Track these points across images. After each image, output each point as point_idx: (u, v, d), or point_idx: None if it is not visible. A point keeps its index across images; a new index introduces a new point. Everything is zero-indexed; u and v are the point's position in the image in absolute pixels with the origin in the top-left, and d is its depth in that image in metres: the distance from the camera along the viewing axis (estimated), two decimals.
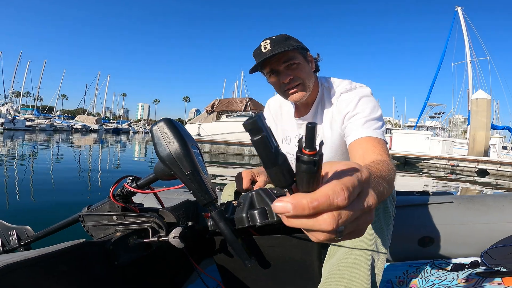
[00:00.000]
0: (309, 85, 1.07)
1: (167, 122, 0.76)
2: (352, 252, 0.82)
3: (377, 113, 1.00)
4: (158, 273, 1.03)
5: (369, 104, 1.01)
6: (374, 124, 0.97)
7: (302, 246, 0.86)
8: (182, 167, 0.73)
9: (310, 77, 1.07)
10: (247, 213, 0.79)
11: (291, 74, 1.03)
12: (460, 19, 19.97)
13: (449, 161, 12.17)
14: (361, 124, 0.97)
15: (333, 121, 1.08)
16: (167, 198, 1.39)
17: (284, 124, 1.26)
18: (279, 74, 1.05)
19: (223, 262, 0.96)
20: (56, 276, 0.67)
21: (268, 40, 1.01)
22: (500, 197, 1.44)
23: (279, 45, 0.99)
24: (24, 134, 23.31)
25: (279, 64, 1.03)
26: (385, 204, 0.89)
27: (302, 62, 1.05)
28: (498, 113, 29.32)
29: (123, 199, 0.89)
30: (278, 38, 1.01)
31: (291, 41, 1.03)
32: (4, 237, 1.06)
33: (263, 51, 1.00)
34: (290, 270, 0.90)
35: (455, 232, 1.35)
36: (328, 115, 1.10)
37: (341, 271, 0.81)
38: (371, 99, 1.03)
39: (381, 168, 0.65)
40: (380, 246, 0.85)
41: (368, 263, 0.81)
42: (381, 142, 0.92)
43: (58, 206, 3.60)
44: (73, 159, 9.23)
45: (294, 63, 1.02)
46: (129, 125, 61.33)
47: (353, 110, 1.01)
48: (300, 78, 1.04)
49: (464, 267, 1.25)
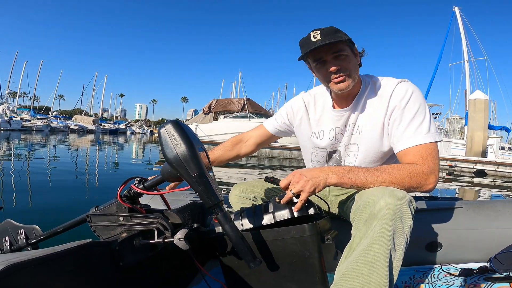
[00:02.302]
0: (355, 77, 1.10)
1: (175, 124, 0.77)
2: (371, 250, 0.83)
3: (420, 110, 1.05)
4: (162, 274, 1.03)
5: (416, 103, 1.05)
6: (419, 127, 1.03)
7: (301, 238, 0.87)
8: (189, 169, 0.75)
9: (356, 70, 1.11)
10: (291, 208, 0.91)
11: (338, 65, 1.06)
12: (458, 19, 20.04)
13: (447, 161, 12.21)
14: (405, 130, 1.04)
15: (375, 112, 1.11)
16: (173, 200, 1.38)
17: (318, 116, 1.26)
18: (326, 63, 1.08)
19: (228, 264, 0.97)
20: (63, 275, 0.68)
21: (318, 31, 1.04)
22: (510, 203, 1.43)
23: (329, 36, 1.03)
24: (20, 134, 23.18)
25: (328, 54, 1.06)
26: (405, 206, 0.89)
27: (350, 54, 1.08)
28: (495, 114, 29.48)
29: (130, 200, 0.90)
30: (327, 29, 1.05)
31: (340, 33, 1.06)
32: (12, 236, 1.06)
33: (313, 40, 1.03)
34: (290, 264, 0.91)
35: (463, 237, 1.33)
36: (370, 106, 1.13)
37: (359, 267, 0.82)
38: (418, 95, 1.07)
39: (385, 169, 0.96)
40: (398, 246, 0.85)
41: (386, 261, 0.81)
42: (419, 149, 1.00)
43: (66, 206, 3.63)
44: (74, 160, 9.18)
45: (342, 54, 1.06)
46: (126, 126, 61.32)
47: (401, 108, 1.05)
48: (347, 69, 1.07)
49: (472, 272, 1.23)
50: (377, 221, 0.85)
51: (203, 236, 1.00)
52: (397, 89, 1.08)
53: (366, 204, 0.90)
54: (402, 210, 0.87)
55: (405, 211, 0.88)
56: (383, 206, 0.86)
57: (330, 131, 1.21)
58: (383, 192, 0.90)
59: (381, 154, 1.15)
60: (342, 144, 1.20)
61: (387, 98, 1.09)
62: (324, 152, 1.25)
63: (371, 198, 0.90)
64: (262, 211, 0.96)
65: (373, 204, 0.88)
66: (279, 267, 0.92)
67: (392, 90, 1.08)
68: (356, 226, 0.91)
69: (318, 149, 1.26)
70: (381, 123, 1.10)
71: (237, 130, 15.25)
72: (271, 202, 0.97)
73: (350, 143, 1.18)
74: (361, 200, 0.94)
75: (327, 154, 1.25)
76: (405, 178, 0.95)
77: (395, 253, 0.84)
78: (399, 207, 0.87)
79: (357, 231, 0.89)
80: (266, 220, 0.93)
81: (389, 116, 1.08)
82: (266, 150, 13.14)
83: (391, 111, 1.07)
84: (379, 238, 0.83)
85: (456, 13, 20.19)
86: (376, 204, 0.88)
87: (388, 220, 0.85)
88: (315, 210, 0.95)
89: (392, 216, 0.85)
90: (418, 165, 0.97)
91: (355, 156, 1.17)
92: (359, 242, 0.87)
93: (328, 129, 1.22)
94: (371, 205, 0.89)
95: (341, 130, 1.19)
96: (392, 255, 0.83)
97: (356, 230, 0.90)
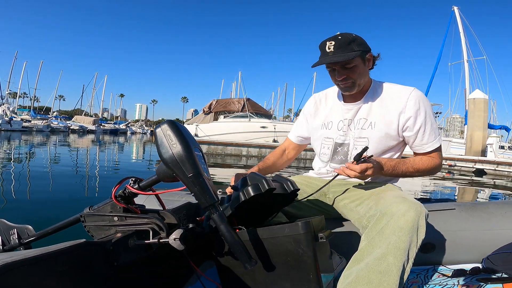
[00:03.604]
0: (359, 83, 1.20)
1: (171, 124, 0.77)
2: (384, 260, 0.84)
3: (433, 118, 1.22)
4: (157, 275, 1.03)
5: (431, 112, 1.22)
6: (432, 133, 1.22)
7: (294, 236, 0.88)
8: (185, 170, 0.75)
9: (362, 76, 1.21)
10: (243, 190, 0.89)
11: (344, 74, 1.17)
12: (457, 18, 20.02)
13: (447, 161, 12.21)
14: (429, 136, 1.21)
15: (390, 112, 1.20)
16: (168, 200, 1.38)
17: (328, 110, 1.35)
18: (335, 71, 1.20)
19: (223, 264, 0.97)
20: (56, 275, 0.67)
21: (333, 42, 1.14)
22: (503, 204, 1.44)
23: (342, 49, 1.13)
24: (21, 135, 23.18)
25: (337, 65, 1.18)
26: (422, 220, 0.93)
27: (359, 63, 1.17)
28: (495, 113, 29.51)
29: (125, 200, 0.89)
30: (342, 40, 1.14)
31: (354, 44, 1.14)
32: (5, 236, 1.06)
33: (327, 51, 1.15)
34: (284, 263, 0.91)
35: (457, 238, 1.34)
36: (384, 105, 1.22)
37: (370, 276, 0.83)
38: (429, 103, 1.22)
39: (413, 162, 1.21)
40: (411, 258, 0.87)
41: (399, 272, 0.83)
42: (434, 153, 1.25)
43: (59, 206, 3.62)
44: (72, 160, 9.19)
45: (349, 66, 1.16)
46: (126, 126, 61.24)
47: (423, 116, 1.19)
48: (351, 78, 1.18)
49: (465, 273, 1.24)
50: (394, 232, 0.87)
51: (199, 236, 0.99)
52: (413, 96, 1.19)
53: (383, 213, 0.92)
54: (419, 224, 0.90)
55: (421, 225, 0.91)
56: (401, 218, 0.89)
57: (339, 122, 1.29)
58: (402, 203, 0.92)
59: (387, 149, 1.25)
60: (351, 136, 1.25)
61: (403, 102, 1.18)
62: (331, 142, 1.30)
63: (389, 209, 0.92)
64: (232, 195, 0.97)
65: (390, 215, 0.90)
66: (274, 265, 0.92)
67: (408, 96, 1.19)
68: (369, 234, 0.92)
69: (326, 139, 1.32)
70: (396, 123, 1.20)
71: (237, 130, 15.30)
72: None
73: (360, 136, 1.24)
74: (377, 208, 0.95)
75: (333, 144, 1.29)
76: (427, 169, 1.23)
77: (408, 265, 0.87)
78: (417, 221, 0.89)
79: (370, 239, 0.90)
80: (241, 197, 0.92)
81: (407, 119, 1.19)
82: (266, 150, 13.15)
83: (409, 115, 1.18)
84: (394, 250, 0.85)
85: (455, 12, 20.18)
86: (394, 215, 0.90)
87: (406, 233, 0.87)
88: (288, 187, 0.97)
89: (410, 229, 0.87)
90: (439, 160, 1.27)
91: None
92: (371, 251, 0.88)
93: (337, 120, 1.30)
94: (388, 215, 0.90)
95: (349, 123, 1.26)
96: (405, 267, 0.85)
97: (369, 238, 0.91)
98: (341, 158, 1.28)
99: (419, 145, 1.23)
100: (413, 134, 1.21)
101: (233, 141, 14.03)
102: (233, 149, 13.96)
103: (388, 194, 1.05)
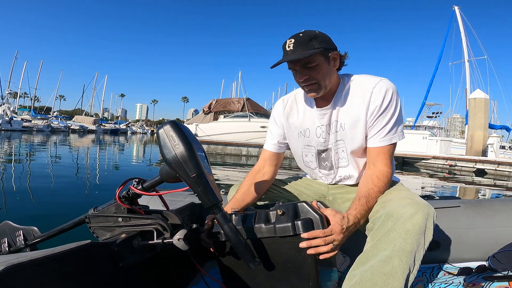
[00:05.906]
0: (325, 84, 1.10)
1: (173, 125, 0.77)
2: (389, 262, 0.83)
3: (396, 112, 1.09)
4: (162, 275, 1.04)
5: (393, 102, 1.09)
6: (392, 128, 1.09)
7: (296, 244, 0.87)
8: (188, 170, 0.75)
9: (327, 77, 1.10)
10: (294, 222, 0.86)
11: (306, 74, 1.08)
12: (458, 18, 20.02)
13: (447, 161, 12.21)
14: (380, 130, 1.09)
15: (356, 109, 1.11)
16: (172, 201, 1.38)
17: (301, 117, 1.25)
18: (297, 72, 1.10)
19: (227, 264, 0.97)
20: (61, 276, 0.68)
21: (293, 40, 1.05)
22: (508, 202, 1.43)
23: (301, 46, 1.03)
24: (21, 135, 23.18)
25: (297, 64, 1.08)
26: (430, 221, 0.91)
27: (321, 62, 1.07)
28: (496, 113, 29.44)
29: (129, 201, 0.90)
30: (302, 38, 1.04)
31: (315, 41, 1.04)
32: (11, 238, 1.07)
33: (287, 49, 1.06)
34: (285, 268, 0.91)
35: (462, 236, 1.34)
36: (350, 103, 1.13)
37: (374, 278, 0.82)
38: (394, 94, 1.09)
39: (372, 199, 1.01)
40: (417, 260, 0.86)
41: (404, 274, 0.82)
42: (388, 148, 1.10)
43: (64, 207, 3.62)
44: (74, 160, 9.18)
45: (311, 65, 1.06)
46: (127, 126, 61.26)
47: (379, 107, 1.08)
48: (315, 78, 1.08)
49: (471, 271, 1.23)
50: (400, 235, 0.86)
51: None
52: (377, 88, 1.08)
53: (389, 216, 0.90)
54: (427, 226, 0.88)
55: (429, 227, 0.89)
56: (408, 221, 0.87)
57: (316, 129, 1.21)
58: (409, 205, 0.90)
59: (365, 149, 1.16)
60: (331, 141, 1.20)
61: (367, 96, 1.09)
62: (313, 150, 1.25)
63: (395, 211, 0.90)
64: (263, 220, 0.92)
65: (397, 217, 0.88)
66: (275, 270, 0.92)
67: (373, 88, 1.09)
68: (374, 236, 0.91)
69: (307, 147, 1.26)
70: (363, 119, 1.10)
71: (237, 129, 15.29)
72: (273, 211, 0.93)
73: (337, 139, 1.18)
74: (384, 210, 0.94)
75: (316, 152, 1.25)
76: (386, 186, 1.07)
77: (414, 267, 0.85)
78: (425, 223, 0.88)
79: (375, 242, 0.89)
80: (266, 231, 0.89)
81: (371, 113, 1.09)
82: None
83: (373, 109, 1.08)
84: (399, 252, 0.83)
85: (456, 12, 20.17)
86: (400, 218, 0.88)
87: (412, 235, 0.85)
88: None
89: (417, 232, 0.86)
90: (388, 168, 1.09)
91: (344, 151, 1.18)
92: (376, 253, 0.87)
93: (314, 127, 1.22)
94: (395, 218, 0.89)
95: (327, 128, 1.19)
96: (411, 269, 0.84)
97: (374, 240, 0.90)
98: (327, 164, 1.24)
99: (374, 137, 1.11)
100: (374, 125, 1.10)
101: (233, 141, 14.03)
102: (233, 148, 13.95)
103: (394, 195, 1.02)
